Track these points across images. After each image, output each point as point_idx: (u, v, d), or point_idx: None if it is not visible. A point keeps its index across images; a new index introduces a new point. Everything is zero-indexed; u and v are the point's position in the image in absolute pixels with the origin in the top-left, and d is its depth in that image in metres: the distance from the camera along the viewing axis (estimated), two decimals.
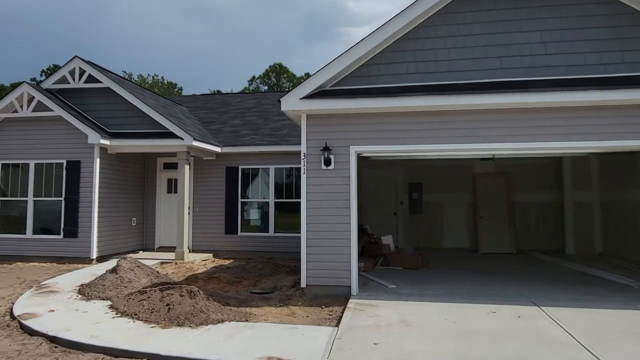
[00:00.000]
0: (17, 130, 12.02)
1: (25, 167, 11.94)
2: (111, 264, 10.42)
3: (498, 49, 7.35)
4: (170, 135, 11.56)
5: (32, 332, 5.94)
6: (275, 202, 13.17)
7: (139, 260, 10.72)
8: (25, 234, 11.82)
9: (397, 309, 6.67)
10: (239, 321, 6.21)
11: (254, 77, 49.60)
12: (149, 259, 11.63)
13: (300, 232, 7.76)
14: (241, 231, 13.25)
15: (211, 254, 12.92)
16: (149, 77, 47.07)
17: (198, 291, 6.64)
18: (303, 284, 7.66)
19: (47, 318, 6.43)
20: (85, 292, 7.91)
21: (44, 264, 11.46)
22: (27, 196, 11.90)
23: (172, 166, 13.49)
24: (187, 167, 11.85)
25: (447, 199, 14.12)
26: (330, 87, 7.79)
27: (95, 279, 8.46)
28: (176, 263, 11.31)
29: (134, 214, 13.21)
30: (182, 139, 11.45)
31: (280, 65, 49.18)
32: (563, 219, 13.02)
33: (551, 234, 13.34)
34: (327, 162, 7.66)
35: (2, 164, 12.05)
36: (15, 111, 11.88)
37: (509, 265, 10.84)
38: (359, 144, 7.68)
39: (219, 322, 6.09)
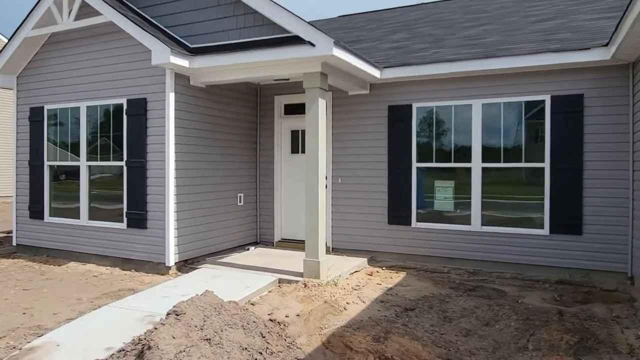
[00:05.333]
0: (63, 55, 7.60)
1: (76, 113, 7.54)
2: (194, 280, 5.44)
3: None
4: (293, 41, 6.01)
5: None
6: (484, 169, 6.99)
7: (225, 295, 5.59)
8: (79, 218, 7.55)
9: None
10: None
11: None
12: (258, 271, 6.49)
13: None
14: (417, 220, 7.41)
15: (365, 259, 7.39)
16: None
17: None
18: None
19: None
20: None
21: (102, 269, 7.04)
22: (78, 159, 7.54)
23: (298, 109, 8.07)
24: (321, 102, 6.23)
25: None
26: None
27: None
28: (305, 285, 5.94)
29: (241, 187, 8.19)
30: (313, 45, 5.79)
31: None
32: None
33: None
34: None
35: (49, 110, 7.83)
36: (57, 23, 7.43)
37: None
38: None
39: None
